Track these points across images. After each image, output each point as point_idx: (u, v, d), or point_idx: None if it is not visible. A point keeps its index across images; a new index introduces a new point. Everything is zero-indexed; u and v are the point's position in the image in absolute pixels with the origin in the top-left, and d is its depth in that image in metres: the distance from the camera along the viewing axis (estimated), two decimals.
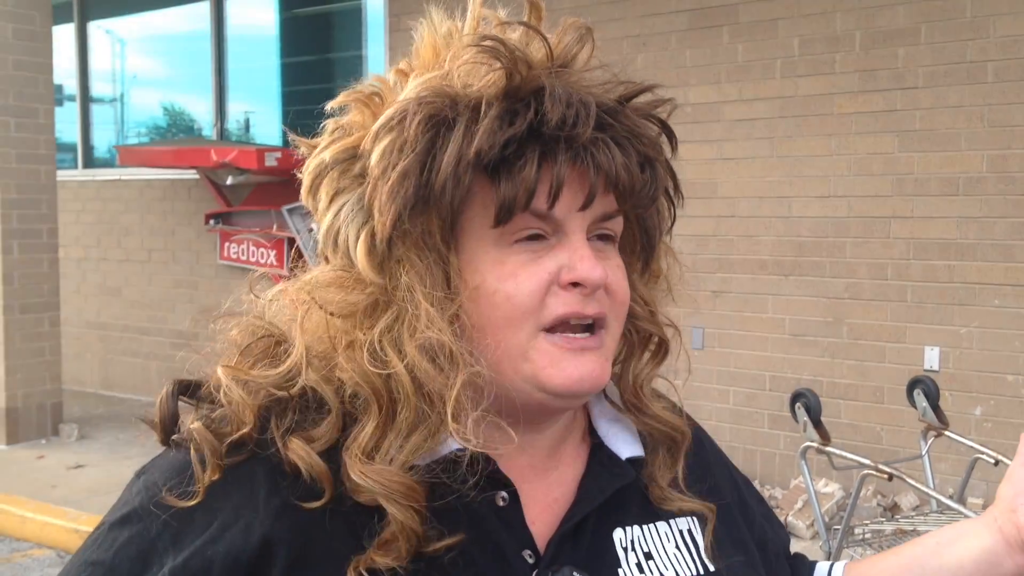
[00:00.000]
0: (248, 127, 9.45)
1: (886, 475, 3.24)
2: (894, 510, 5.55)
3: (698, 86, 6.32)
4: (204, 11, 9.14)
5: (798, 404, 3.51)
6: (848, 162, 5.90)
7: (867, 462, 3.34)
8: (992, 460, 3.44)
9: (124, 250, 9.47)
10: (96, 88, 10.22)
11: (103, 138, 10.27)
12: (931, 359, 5.65)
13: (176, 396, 0.96)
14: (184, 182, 8.91)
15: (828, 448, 3.45)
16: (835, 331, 5.98)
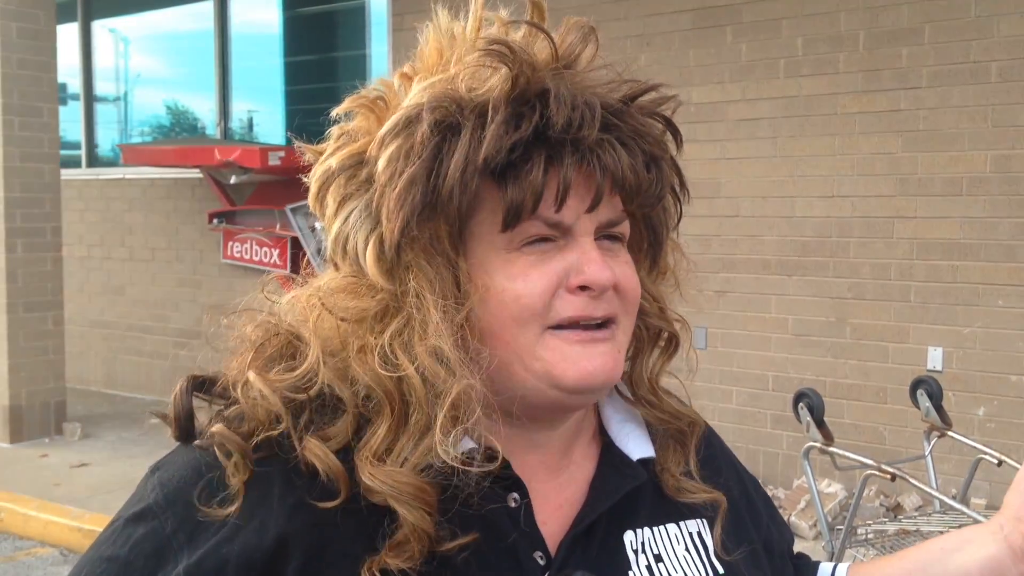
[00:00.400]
0: (252, 126, 9.46)
1: (889, 475, 3.23)
2: (897, 510, 5.54)
3: (701, 86, 6.31)
4: (208, 10, 9.15)
5: (801, 404, 3.50)
6: (852, 162, 5.90)
7: (870, 462, 3.34)
8: (995, 461, 3.44)
9: (128, 249, 9.48)
10: (100, 87, 10.23)
11: (107, 137, 10.29)
12: (934, 359, 5.64)
13: (191, 392, 0.96)
14: (188, 181, 8.92)
15: (831, 448, 3.45)
16: (838, 331, 5.98)
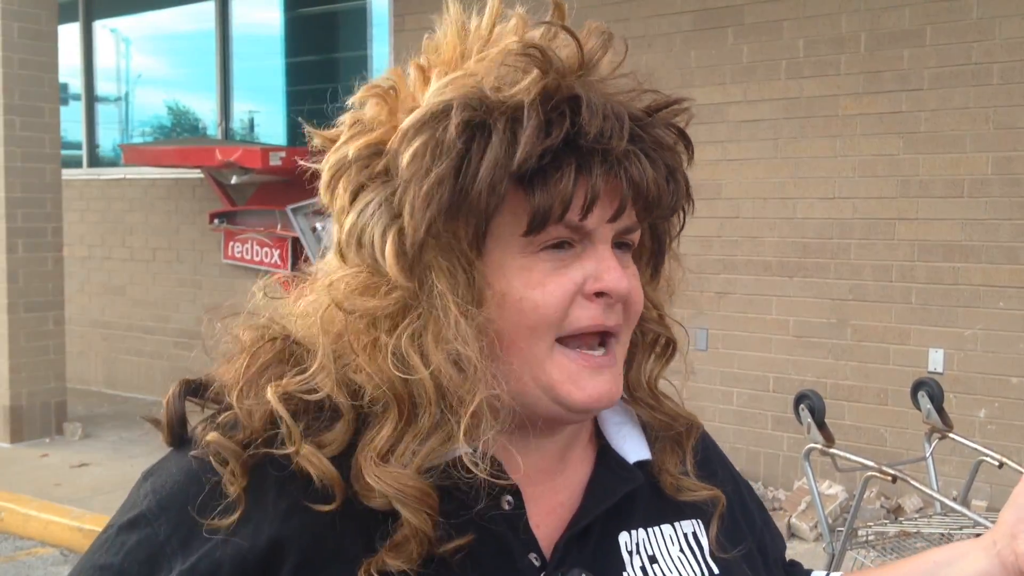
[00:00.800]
0: (252, 126, 9.46)
1: (890, 477, 3.23)
2: (898, 512, 5.54)
3: (703, 87, 6.31)
4: (209, 10, 9.15)
5: (802, 406, 3.50)
6: (853, 164, 5.90)
7: (871, 464, 3.33)
8: (996, 463, 3.43)
9: (128, 249, 9.49)
10: (101, 87, 10.24)
11: (108, 137, 10.29)
12: (935, 361, 5.64)
13: (183, 397, 0.96)
14: (188, 181, 8.92)
15: (832, 450, 3.45)
16: (839, 333, 5.98)
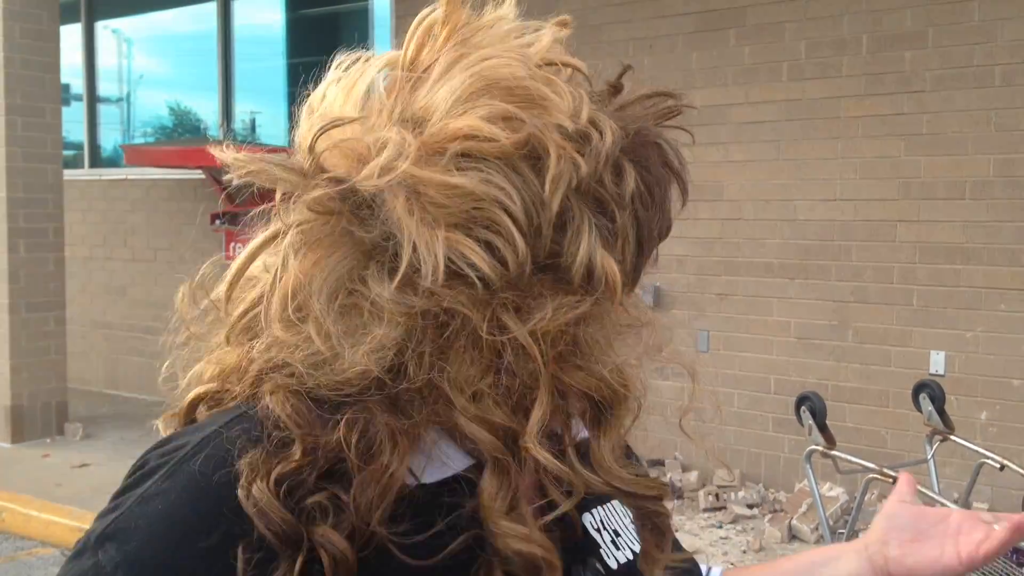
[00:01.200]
0: (254, 127, 9.47)
1: (891, 479, 3.23)
2: None
3: (704, 89, 6.31)
4: (211, 11, 9.16)
5: (803, 407, 3.50)
6: (854, 166, 5.90)
7: (872, 466, 3.33)
8: (997, 464, 3.43)
9: (130, 249, 9.49)
10: (103, 88, 10.24)
11: (109, 137, 10.30)
12: (937, 363, 5.63)
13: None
14: (190, 182, 8.92)
15: (833, 452, 3.45)
16: (841, 335, 5.98)
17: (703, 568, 1.19)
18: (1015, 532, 1.07)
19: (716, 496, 5.99)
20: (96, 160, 10.11)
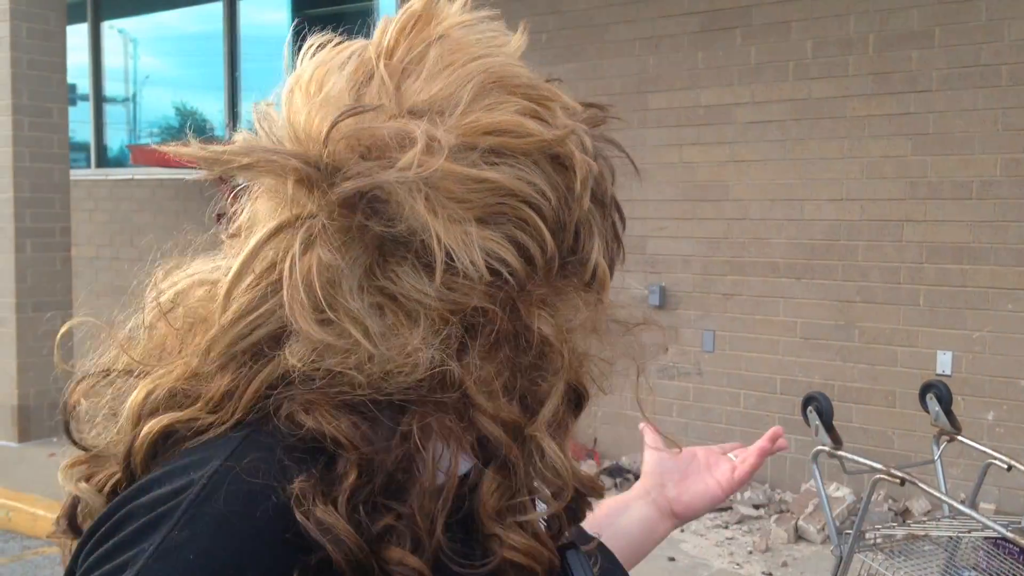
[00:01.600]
0: None
1: (898, 480, 3.22)
2: (906, 515, 5.52)
3: (710, 88, 6.31)
4: (217, 11, 9.17)
5: (810, 408, 3.49)
6: (861, 165, 5.88)
7: (879, 466, 3.32)
8: (1005, 465, 3.42)
9: (136, 249, 9.51)
10: (109, 88, 10.26)
11: (116, 137, 10.32)
12: (944, 363, 5.62)
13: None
14: (196, 182, 8.93)
15: (840, 452, 3.44)
16: (847, 334, 5.96)
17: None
18: (760, 457, 1.36)
19: None
20: (102, 160, 10.13)
